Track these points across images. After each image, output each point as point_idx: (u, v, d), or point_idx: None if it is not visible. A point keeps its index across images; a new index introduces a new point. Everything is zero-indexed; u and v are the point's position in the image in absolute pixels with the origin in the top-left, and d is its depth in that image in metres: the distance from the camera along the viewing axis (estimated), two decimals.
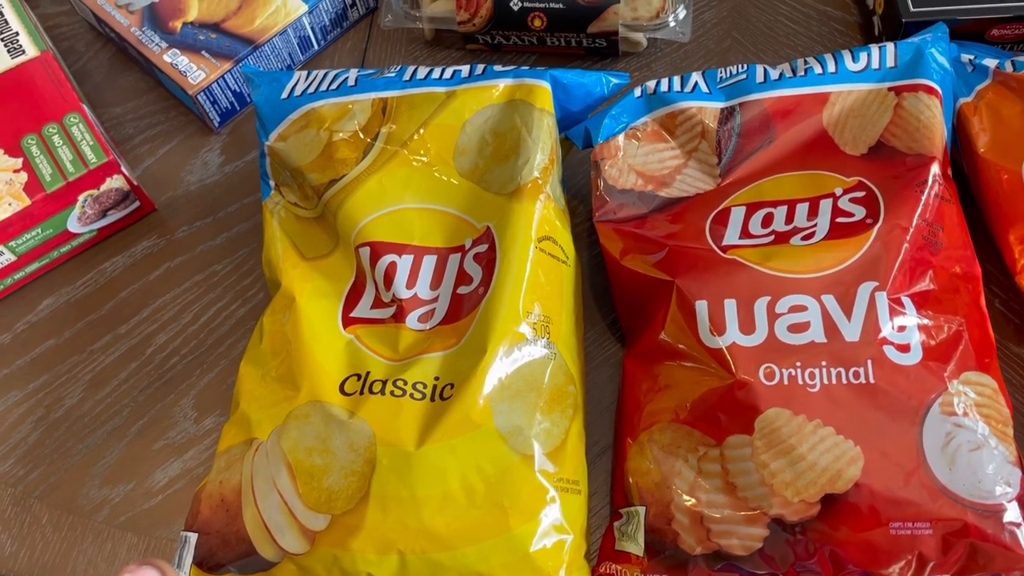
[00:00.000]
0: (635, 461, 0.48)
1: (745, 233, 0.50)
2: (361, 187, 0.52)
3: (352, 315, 0.50)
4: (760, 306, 0.47)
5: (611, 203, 0.54)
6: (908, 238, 0.48)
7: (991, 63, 0.56)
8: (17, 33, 0.63)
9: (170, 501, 0.53)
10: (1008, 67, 0.56)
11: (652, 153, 0.54)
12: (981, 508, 0.43)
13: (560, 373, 0.48)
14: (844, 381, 0.45)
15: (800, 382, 0.45)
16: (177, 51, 0.65)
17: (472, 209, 0.51)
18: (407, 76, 0.55)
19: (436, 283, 0.50)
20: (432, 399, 0.46)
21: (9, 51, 0.62)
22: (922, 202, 0.49)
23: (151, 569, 0.35)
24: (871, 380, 0.45)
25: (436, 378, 0.47)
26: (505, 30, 0.65)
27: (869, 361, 0.45)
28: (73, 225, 0.60)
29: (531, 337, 0.47)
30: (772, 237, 0.50)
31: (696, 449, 0.47)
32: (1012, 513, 0.43)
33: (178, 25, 0.66)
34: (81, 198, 0.58)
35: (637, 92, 0.55)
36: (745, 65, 0.56)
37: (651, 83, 0.56)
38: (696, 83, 0.55)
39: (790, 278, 0.48)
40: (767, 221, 0.51)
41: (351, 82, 0.55)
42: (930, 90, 0.52)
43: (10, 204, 0.56)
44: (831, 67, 0.54)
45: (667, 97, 0.55)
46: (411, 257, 0.50)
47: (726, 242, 0.50)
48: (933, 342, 0.46)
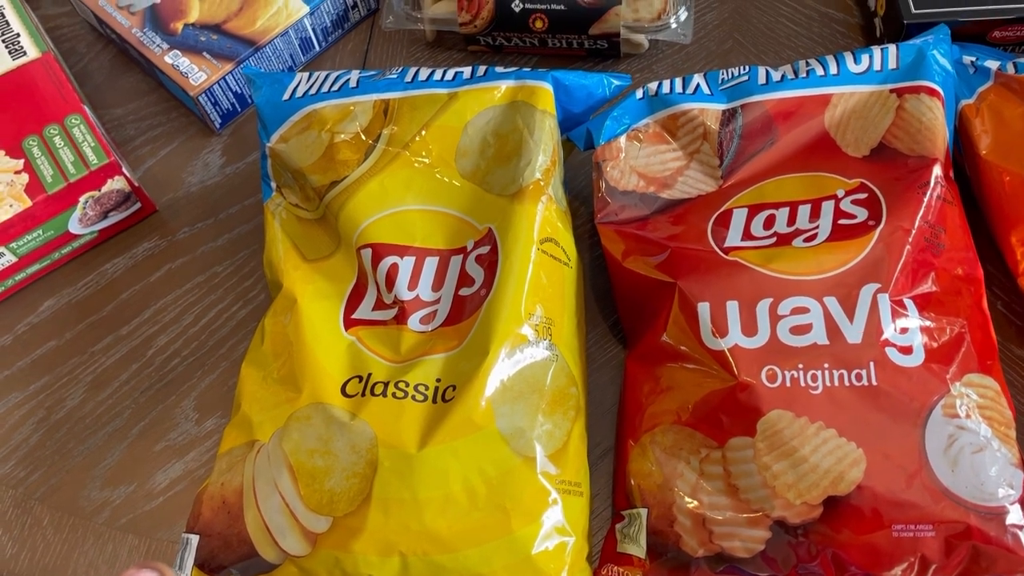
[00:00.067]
0: (637, 463, 0.48)
1: (747, 235, 0.50)
2: (363, 189, 0.52)
3: (354, 317, 0.50)
4: (762, 308, 0.47)
5: (613, 204, 0.54)
6: (910, 240, 0.48)
7: (993, 65, 0.56)
8: (18, 34, 0.63)
9: (171, 503, 0.53)
10: (1010, 69, 0.56)
11: (654, 155, 0.54)
12: (984, 510, 0.43)
13: (562, 375, 0.48)
14: (846, 383, 0.45)
15: (802, 384, 0.45)
16: (178, 52, 0.65)
17: (474, 211, 0.51)
18: (409, 77, 0.55)
19: (438, 285, 0.50)
20: (434, 401, 0.46)
21: (10, 52, 0.62)
22: (924, 204, 0.49)
23: (152, 572, 0.35)
24: (873, 382, 0.45)
25: (438, 380, 0.47)
26: (506, 31, 0.65)
27: (871, 363, 0.45)
28: (74, 226, 0.60)
29: (533, 339, 0.47)
30: (774, 239, 0.50)
31: (698, 451, 0.46)
32: (1015, 515, 0.43)
33: (179, 26, 0.66)
34: (82, 199, 0.58)
35: (639, 94, 0.55)
36: (747, 67, 0.55)
37: (653, 85, 0.56)
38: (698, 85, 0.55)
39: (792, 280, 0.48)
40: (769, 223, 0.51)
41: (353, 83, 0.55)
42: (932, 92, 0.52)
43: (11, 205, 0.56)
44: (833, 69, 0.54)
45: (669, 99, 0.55)
46: (413, 259, 0.50)
47: (728, 244, 0.50)
48: (935, 344, 0.46)
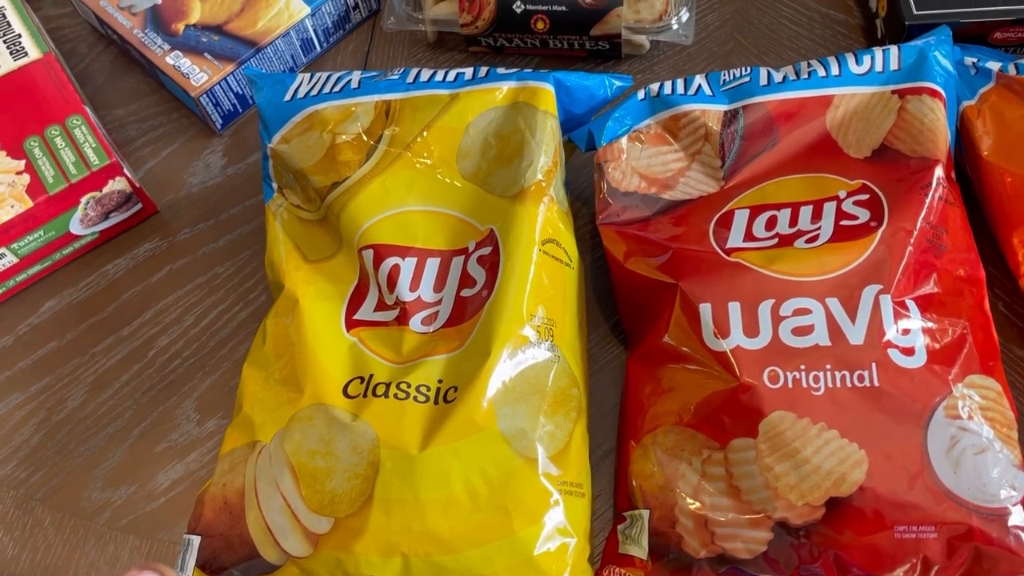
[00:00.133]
0: (639, 464, 0.48)
1: (749, 236, 0.50)
2: (364, 189, 0.52)
3: (355, 318, 0.50)
4: (764, 309, 0.47)
5: (614, 205, 0.54)
6: (912, 241, 0.48)
7: (994, 66, 0.56)
8: (20, 35, 0.63)
9: (173, 504, 0.53)
10: (1011, 70, 0.56)
11: (655, 156, 0.54)
12: (986, 512, 0.43)
13: (564, 376, 0.48)
14: (848, 384, 0.45)
15: (804, 385, 0.45)
16: (179, 53, 0.65)
17: (475, 211, 0.51)
18: (410, 78, 0.55)
19: (439, 286, 0.50)
20: (436, 402, 0.46)
21: (12, 53, 0.62)
22: (926, 205, 0.49)
23: (153, 573, 0.35)
24: (875, 383, 0.45)
25: (440, 381, 0.47)
26: (508, 32, 0.65)
27: (873, 364, 0.45)
28: (75, 227, 0.60)
29: (535, 340, 0.47)
30: (776, 240, 0.50)
31: (700, 452, 0.46)
32: (1017, 516, 0.43)
33: (181, 27, 0.66)
34: (83, 200, 0.58)
35: (640, 95, 0.55)
36: (748, 68, 0.55)
37: (654, 86, 0.56)
38: (699, 86, 0.55)
39: (794, 281, 0.48)
40: (771, 224, 0.51)
41: (354, 84, 0.55)
42: (934, 93, 0.52)
43: (12, 206, 0.56)
44: (835, 70, 0.54)
45: (670, 100, 0.54)
46: (414, 260, 0.50)
47: (730, 245, 0.50)
48: (937, 345, 0.46)
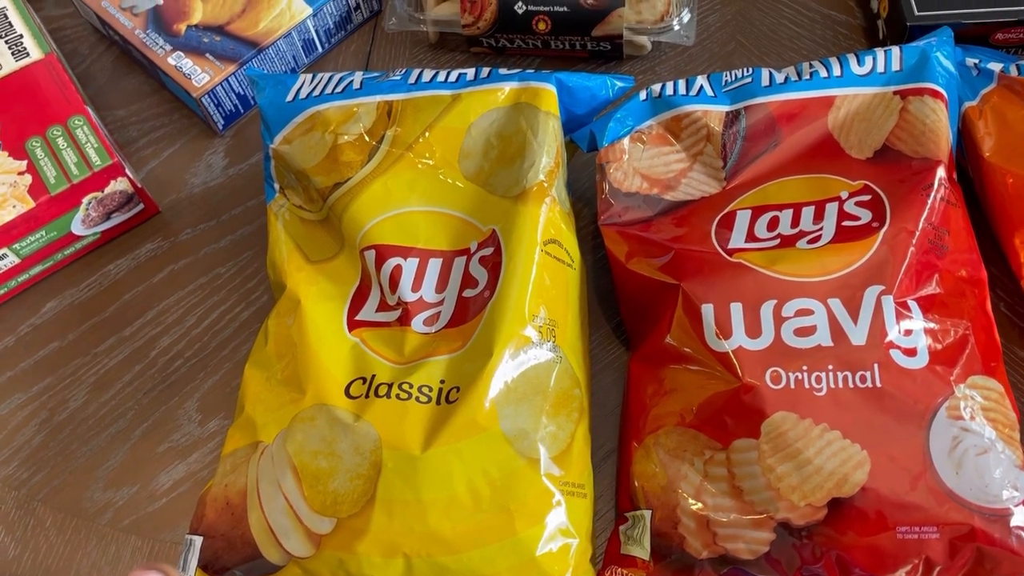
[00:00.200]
0: (641, 465, 0.48)
1: (751, 236, 0.50)
2: (366, 190, 0.52)
3: (357, 318, 0.50)
4: (766, 310, 0.47)
5: (616, 206, 0.54)
6: (914, 242, 0.48)
7: (996, 67, 0.56)
8: (21, 36, 0.63)
9: (174, 504, 0.53)
10: (1013, 71, 0.56)
11: (657, 156, 0.54)
12: (988, 512, 0.43)
13: (566, 376, 0.48)
14: (851, 385, 0.45)
15: (807, 386, 0.45)
16: (181, 54, 0.65)
17: (477, 212, 0.51)
18: (412, 79, 0.55)
19: (441, 286, 0.50)
20: (438, 402, 0.46)
21: (13, 53, 0.62)
22: (928, 206, 0.49)
23: (157, 573, 0.35)
24: (878, 384, 0.45)
25: (442, 381, 0.47)
26: (509, 33, 0.65)
27: (876, 365, 0.45)
28: (77, 227, 0.60)
29: (537, 340, 0.47)
30: (778, 240, 0.50)
31: (702, 453, 0.46)
32: (1019, 517, 0.43)
33: (182, 28, 0.66)
34: (85, 200, 0.58)
35: (642, 95, 0.55)
36: (750, 68, 0.55)
37: (656, 86, 0.56)
38: (701, 86, 0.55)
39: (796, 282, 0.48)
40: (773, 224, 0.51)
41: (356, 85, 0.55)
42: (935, 94, 0.52)
43: (14, 206, 0.56)
44: (836, 71, 0.54)
45: (672, 100, 0.55)
46: (416, 260, 0.50)
47: (732, 245, 0.50)
48: (939, 346, 0.46)
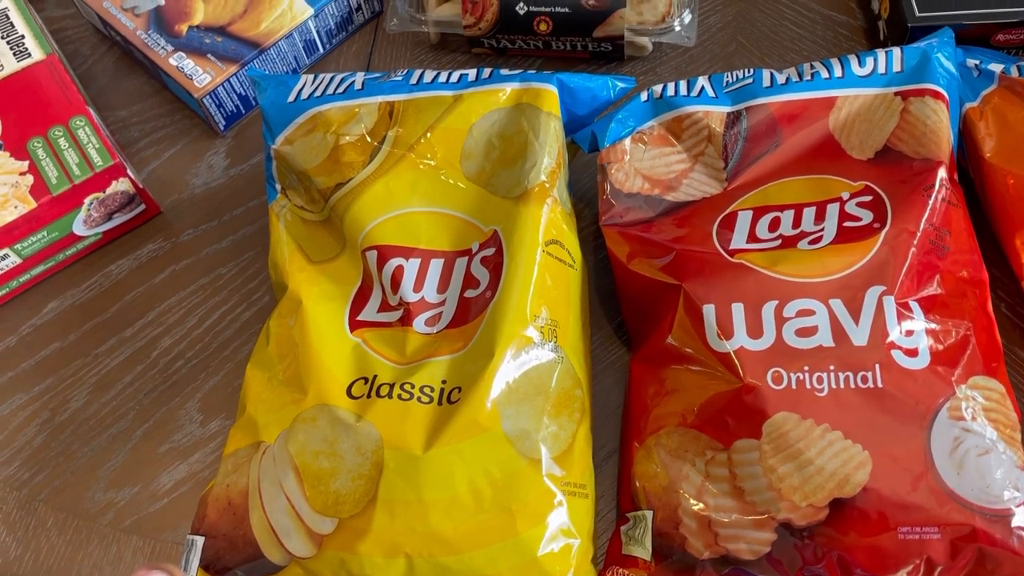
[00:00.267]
0: (642, 465, 0.48)
1: (752, 237, 0.50)
2: (368, 190, 0.52)
3: (359, 318, 0.50)
4: (768, 310, 0.47)
5: (617, 207, 0.54)
6: (915, 242, 0.48)
7: (997, 68, 0.56)
8: (23, 36, 0.63)
9: (176, 504, 0.53)
10: (1014, 72, 0.56)
11: (658, 157, 0.54)
12: (989, 513, 0.43)
13: (567, 377, 0.48)
14: (852, 385, 0.45)
15: (808, 386, 0.45)
16: (183, 54, 0.65)
17: (479, 213, 0.51)
18: (414, 80, 0.55)
19: (443, 287, 0.50)
20: (439, 403, 0.46)
21: (15, 54, 0.62)
22: (929, 206, 0.49)
23: (161, 573, 0.35)
24: (879, 384, 0.45)
25: (443, 382, 0.47)
26: (511, 34, 0.65)
27: (877, 365, 0.45)
28: (79, 228, 0.60)
29: (538, 341, 0.47)
30: (779, 241, 0.50)
31: (703, 453, 0.46)
32: (1020, 518, 0.43)
33: (184, 28, 0.66)
34: (87, 201, 0.58)
35: (643, 96, 0.55)
36: (751, 69, 0.56)
37: (657, 87, 0.56)
38: (702, 87, 0.55)
39: (797, 282, 0.48)
40: (774, 225, 0.51)
41: (358, 86, 0.55)
42: (936, 95, 0.52)
43: (16, 207, 0.56)
44: (837, 72, 0.54)
45: (673, 101, 0.55)
46: (418, 261, 0.50)
47: (733, 246, 0.50)
48: (941, 347, 0.46)
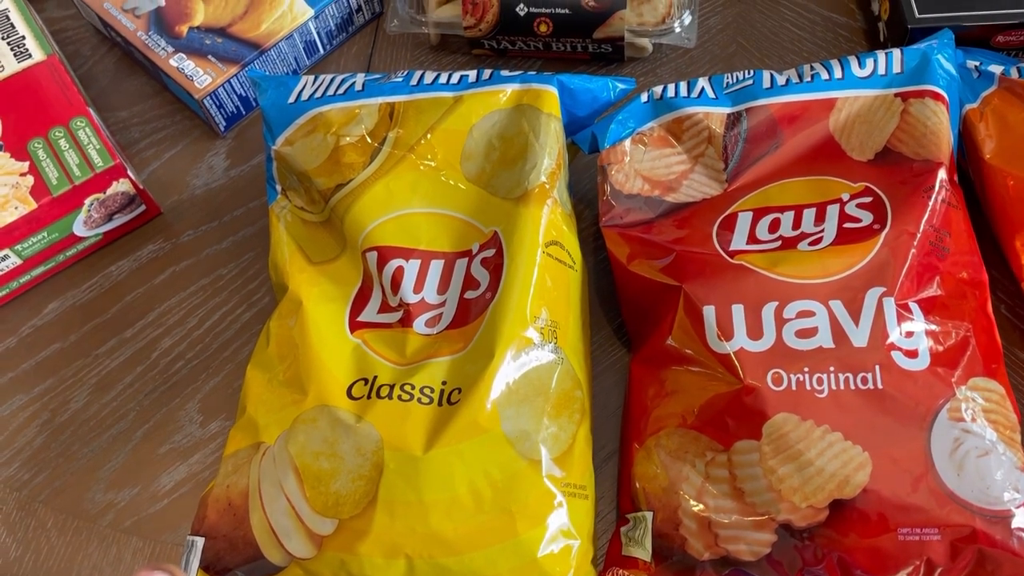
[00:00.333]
0: (642, 466, 0.48)
1: (752, 238, 0.50)
2: (368, 191, 0.52)
3: (359, 319, 0.50)
4: (768, 311, 0.47)
5: (618, 208, 0.54)
6: (915, 244, 0.48)
7: (997, 69, 0.56)
8: (23, 37, 0.64)
9: (176, 505, 0.53)
10: (1014, 73, 0.56)
11: (659, 158, 0.54)
12: (989, 514, 0.43)
13: (567, 378, 0.48)
14: (852, 387, 0.45)
15: (808, 387, 0.45)
16: (183, 55, 0.65)
17: (479, 214, 0.51)
18: (414, 81, 0.55)
19: (443, 288, 0.50)
20: (439, 403, 0.46)
21: (15, 55, 0.62)
22: (929, 208, 0.49)
23: (163, 574, 0.35)
24: (879, 386, 0.45)
25: (443, 382, 0.47)
26: (511, 35, 0.65)
27: (877, 367, 0.45)
28: (79, 229, 0.60)
29: (538, 342, 0.47)
30: (779, 242, 0.50)
31: (703, 454, 0.46)
32: (1020, 519, 0.43)
33: (184, 29, 0.66)
34: (87, 202, 0.58)
35: (644, 97, 0.55)
36: (752, 71, 0.56)
37: (658, 88, 0.56)
38: (703, 88, 0.55)
39: (798, 283, 0.48)
40: (774, 226, 0.51)
41: (358, 87, 0.55)
42: (936, 96, 0.52)
43: (16, 208, 0.56)
44: (838, 73, 0.54)
45: (674, 102, 0.55)
46: (418, 262, 0.50)
47: (733, 247, 0.50)
48: (941, 348, 0.46)
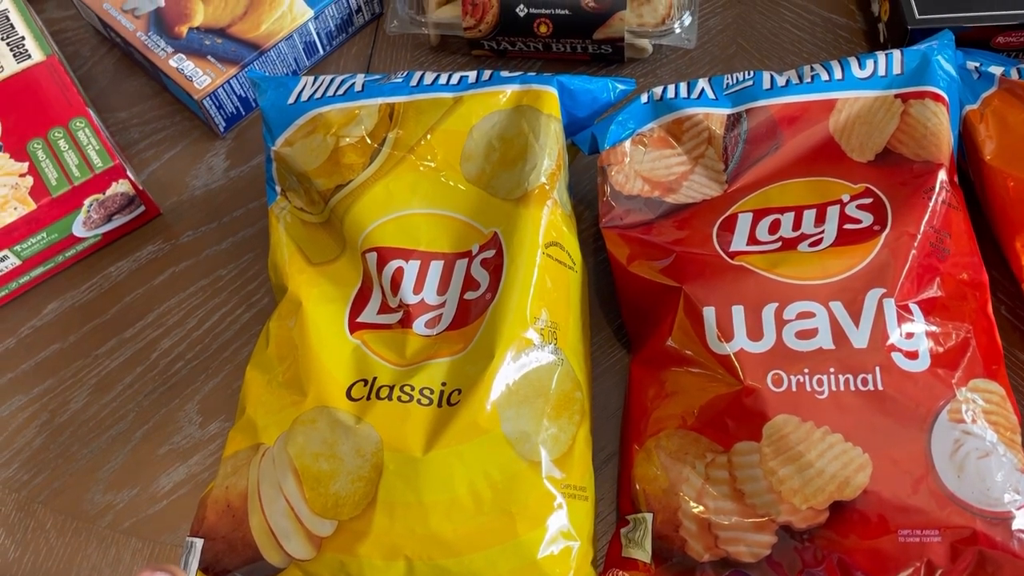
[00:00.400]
0: (642, 467, 0.48)
1: (752, 239, 0.50)
2: (368, 192, 0.52)
3: (359, 320, 0.50)
4: (768, 312, 0.47)
5: (618, 209, 0.54)
6: (916, 245, 0.48)
7: (997, 70, 0.56)
8: (23, 38, 0.63)
9: (175, 506, 0.53)
10: (1014, 74, 0.56)
11: (659, 159, 0.54)
12: (990, 516, 0.43)
13: (567, 379, 0.48)
14: (852, 388, 0.45)
15: (808, 389, 0.45)
16: (183, 56, 0.65)
17: (479, 214, 0.51)
18: (414, 82, 0.55)
19: (443, 288, 0.50)
20: (439, 405, 0.46)
21: (15, 56, 0.62)
22: (929, 209, 0.49)
23: (163, 574, 0.35)
24: (879, 387, 0.45)
25: (443, 384, 0.47)
26: (511, 36, 0.65)
27: (877, 368, 0.45)
28: (78, 229, 0.60)
29: (538, 343, 0.47)
30: (779, 243, 0.50)
31: (703, 456, 0.46)
32: (1021, 521, 0.43)
33: (184, 30, 0.66)
34: (87, 202, 0.58)
35: (644, 98, 0.55)
36: (752, 71, 0.56)
37: (658, 89, 0.56)
38: (703, 89, 0.55)
39: (798, 284, 0.48)
40: (774, 227, 0.51)
41: (358, 87, 0.55)
42: (937, 97, 0.52)
43: (16, 208, 0.56)
44: (838, 74, 0.54)
45: (674, 103, 0.55)
46: (418, 262, 0.50)
47: (733, 248, 0.50)
48: (941, 349, 0.46)
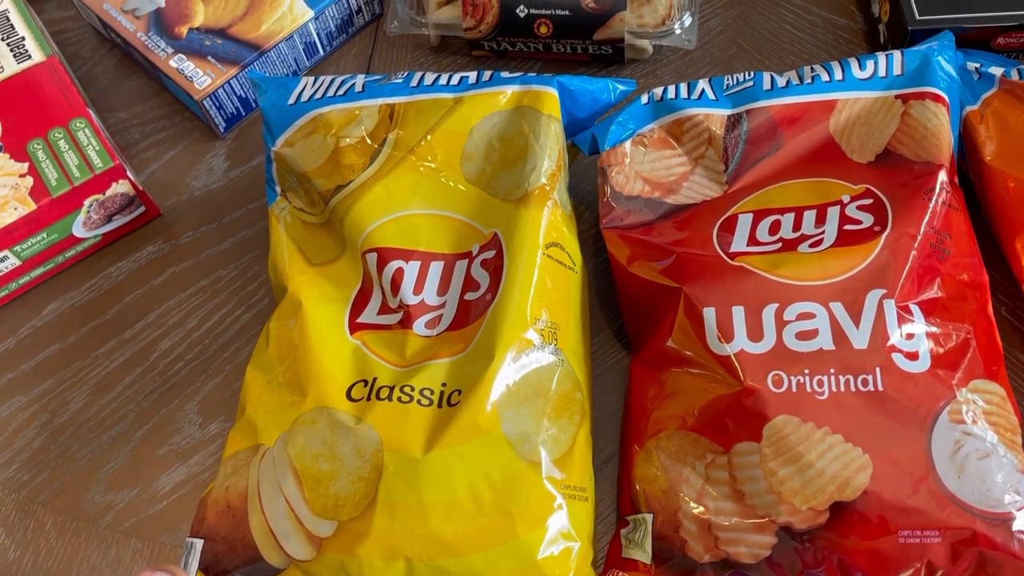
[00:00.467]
0: (642, 468, 0.48)
1: (752, 240, 0.50)
2: (368, 193, 0.52)
3: (359, 321, 0.50)
4: (768, 313, 0.47)
5: (618, 209, 0.54)
6: (916, 245, 0.48)
7: (997, 71, 0.56)
8: (23, 38, 0.63)
9: (175, 507, 0.53)
10: (1014, 75, 0.56)
11: (659, 160, 0.54)
12: (990, 516, 0.43)
13: (567, 380, 0.48)
14: (852, 389, 0.45)
15: (808, 389, 0.45)
16: (183, 56, 0.65)
17: (479, 215, 0.51)
18: (414, 82, 0.55)
19: (443, 289, 0.50)
20: (439, 405, 0.46)
21: (15, 56, 0.62)
22: (930, 209, 0.49)
23: (164, 574, 0.35)
24: (880, 388, 0.45)
25: (443, 384, 0.47)
26: (511, 37, 0.65)
27: (877, 369, 0.45)
28: (78, 230, 0.60)
29: (538, 343, 0.47)
30: (780, 244, 0.50)
31: (704, 456, 0.46)
32: (1021, 521, 0.43)
33: (184, 30, 0.66)
34: (87, 203, 0.58)
35: (644, 99, 0.55)
36: (752, 72, 0.56)
37: (658, 90, 0.56)
38: (703, 90, 0.55)
39: (798, 285, 0.48)
40: (774, 228, 0.51)
41: (358, 88, 0.55)
42: (937, 98, 0.52)
43: (16, 208, 0.56)
44: (838, 75, 0.54)
45: (674, 104, 0.55)
46: (418, 263, 0.50)
47: (733, 249, 0.50)
48: (941, 350, 0.46)
